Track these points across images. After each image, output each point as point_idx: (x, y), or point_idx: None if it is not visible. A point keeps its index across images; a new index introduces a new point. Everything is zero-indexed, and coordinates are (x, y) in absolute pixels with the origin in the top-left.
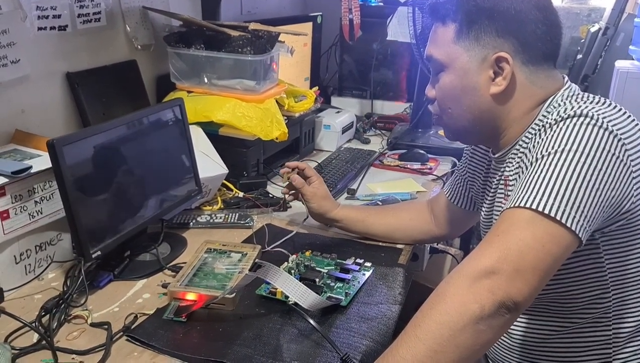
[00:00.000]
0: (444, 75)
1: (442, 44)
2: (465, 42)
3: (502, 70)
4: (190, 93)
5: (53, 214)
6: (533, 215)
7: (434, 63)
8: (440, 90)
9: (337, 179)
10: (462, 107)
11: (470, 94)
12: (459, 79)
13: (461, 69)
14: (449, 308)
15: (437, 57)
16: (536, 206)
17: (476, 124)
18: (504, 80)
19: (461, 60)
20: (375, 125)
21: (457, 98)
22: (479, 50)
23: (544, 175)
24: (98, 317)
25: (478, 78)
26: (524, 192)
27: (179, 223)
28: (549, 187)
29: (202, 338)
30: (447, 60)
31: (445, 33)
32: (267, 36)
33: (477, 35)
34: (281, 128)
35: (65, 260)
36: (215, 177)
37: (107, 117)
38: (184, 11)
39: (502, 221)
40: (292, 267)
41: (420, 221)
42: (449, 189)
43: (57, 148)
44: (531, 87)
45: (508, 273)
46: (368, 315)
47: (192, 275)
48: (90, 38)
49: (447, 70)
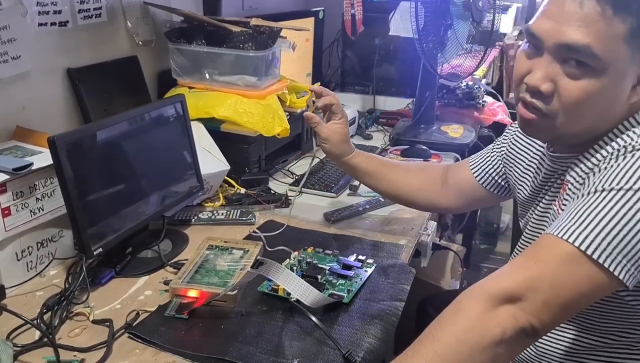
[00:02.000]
0: (593, 76)
1: (608, 38)
2: (635, 43)
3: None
4: (192, 89)
5: (54, 211)
6: (578, 254)
7: (585, 55)
8: (584, 93)
9: (339, 175)
10: (594, 115)
11: (612, 103)
12: (615, 85)
13: (620, 73)
14: (471, 327)
15: (597, 52)
16: (585, 247)
17: (591, 130)
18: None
19: (623, 63)
20: (378, 121)
21: (595, 105)
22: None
23: (600, 212)
24: (100, 314)
25: (627, 86)
26: (574, 223)
27: (180, 219)
28: (603, 228)
29: (204, 336)
30: (609, 59)
31: (614, 26)
32: (268, 32)
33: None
34: (283, 124)
35: (66, 257)
36: (217, 174)
37: (109, 113)
38: (185, 6)
39: (542, 247)
40: (294, 264)
41: (430, 187)
42: (476, 165)
43: (58, 144)
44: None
45: (535, 304)
46: (370, 312)
47: (194, 272)
48: (91, 34)
49: (603, 71)
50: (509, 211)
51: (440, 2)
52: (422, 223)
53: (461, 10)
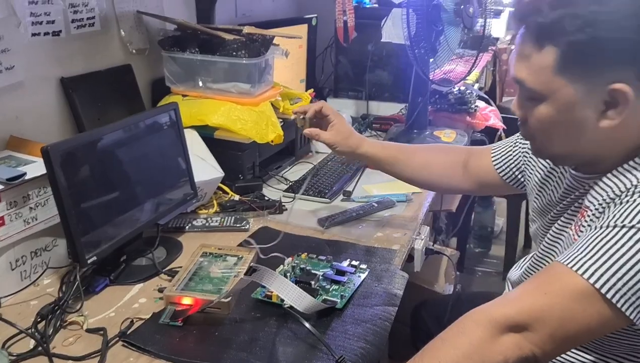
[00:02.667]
0: (541, 107)
1: (538, 70)
2: (570, 73)
3: (617, 101)
4: (185, 97)
5: (48, 220)
6: (591, 290)
7: (527, 90)
8: (537, 121)
9: (333, 181)
10: (563, 140)
11: (574, 128)
12: (561, 114)
13: (565, 104)
14: (472, 353)
15: (531, 86)
16: (600, 285)
17: (575, 152)
18: (619, 116)
19: (564, 94)
20: (371, 126)
21: (558, 131)
22: (588, 82)
23: (617, 249)
24: (94, 323)
25: (585, 112)
26: (589, 257)
27: (174, 227)
28: (620, 267)
29: (198, 343)
30: (546, 92)
31: (543, 58)
32: (261, 39)
33: (585, 64)
34: (276, 131)
35: (60, 266)
36: (211, 181)
37: (103, 122)
38: (179, 15)
39: (554, 277)
40: (288, 270)
41: (449, 176)
42: (498, 155)
43: (52, 154)
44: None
45: (541, 336)
46: (364, 318)
47: (188, 279)
48: (85, 43)
49: (546, 102)
50: (503, 214)
51: (431, 8)
52: (415, 228)
53: (452, 17)
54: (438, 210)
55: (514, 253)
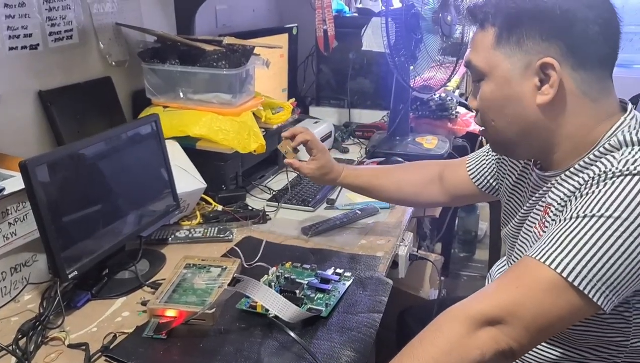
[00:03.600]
0: (484, 84)
1: (481, 49)
2: (506, 47)
3: (549, 77)
4: (166, 108)
5: (27, 235)
6: (560, 280)
7: (473, 70)
8: (482, 101)
9: (317, 189)
10: (507, 118)
11: (514, 104)
12: (500, 88)
13: (502, 77)
14: (450, 349)
15: (475, 63)
16: (567, 274)
17: (524, 136)
18: (551, 88)
19: (502, 68)
20: (354, 134)
21: (500, 109)
22: (521, 56)
23: (582, 238)
24: (76, 338)
25: (522, 87)
26: (555, 248)
27: (157, 239)
28: (584, 255)
29: (183, 355)
30: (487, 68)
31: (484, 38)
32: (241, 50)
33: (519, 40)
34: (259, 140)
35: (41, 281)
36: (193, 192)
37: (82, 135)
38: (158, 26)
39: (524, 271)
40: (272, 280)
41: (425, 192)
42: (472, 166)
43: (30, 169)
44: (583, 97)
45: (516, 328)
46: (349, 325)
47: (172, 292)
48: (63, 56)
49: (488, 78)
50: (486, 219)
51: (410, 17)
52: (399, 234)
53: (430, 25)
54: (421, 216)
55: (497, 257)
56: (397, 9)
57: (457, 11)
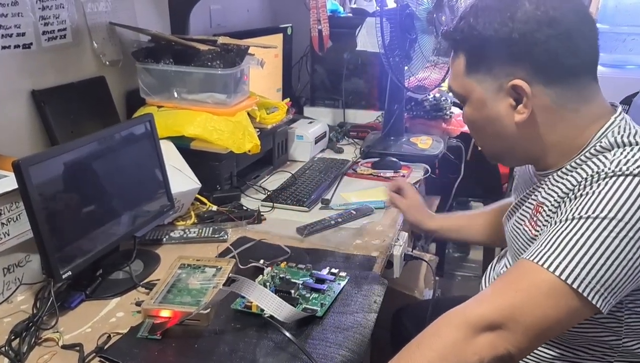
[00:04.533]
0: (465, 107)
1: (457, 76)
2: (477, 74)
3: (521, 97)
4: (161, 108)
5: (21, 235)
6: (558, 283)
7: (455, 94)
8: (466, 121)
9: (311, 189)
10: (489, 137)
11: (494, 124)
12: (479, 111)
13: (478, 101)
14: (447, 354)
15: (454, 89)
16: (565, 277)
17: (510, 149)
18: (526, 108)
19: (476, 93)
20: (348, 134)
21: (482, 129)
22: (492, 81)
23: (578, 240)
24: (70, 339)
25: (498, 108)
26: (553, 251)
27: (151, 239)
28: (582, 257)
29: (178, 356)
30: (464, 93)
31: (458, 65)
32: (236, 50)
33: (487, 66)
34: (253, 140)
35: (34, 282)
36: (188, 192)
37: (76, 135)
38: (152, 26)
39: (522, 274)
40: (267, 280)
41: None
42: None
43: (23, 168)
44: (561, 111)
45: (514, 332)
46: (344, 325)
47: (166, 292)
48: (56, 55)
49: (467, 102)
50: None
51: (405, 17)
52: (393, 234)
53: (425, 25)
54: None
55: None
56: (391, 9)
57: (451, 11)
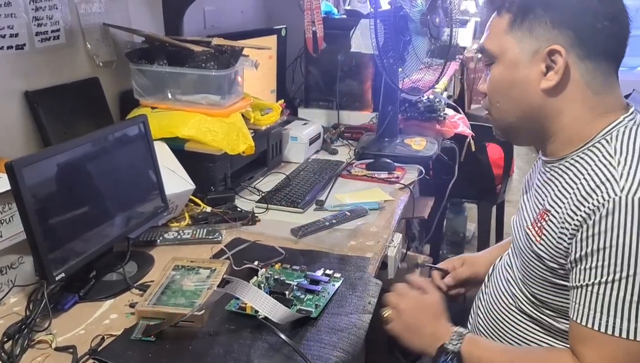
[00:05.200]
0: (494, 67)
1: (495, 35)
2: (518, 32)
3: (555, 63)
4: (155, 109)
5: (13, 237)
6: (617, 341)
7: (486, 54)
8: (490, 83)
9: (306, 191)
10: (511, 101)
11: (520, 88)
12: (509, 71)
13: (511, 61)
14: None
15: (488, 47)
16: (619, 333)
17: (524, 120)
18: (556, 75)
19: (512, 52)
20: (343, 136)
21: (506, 91)
22: (531, 42)
23: (625, 299)
24: (63, 341)
25: (529, 71)
26: (614, 316)
27: (145, 241)
28: (623, 310)
29: (172, 357)
30: (498, 52)
31: (499, 24)
32: (230, 51)
33: (531, 26)
34: (247, 142)
35: (27, 283)
36: (182, 193)
37: (69, 136)
38: (146, 27)
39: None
40: (262, 281)
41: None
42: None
43: (16, 169)
44: (586, 88)
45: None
46: (338, 326)
47: (160, 293)
48: (50, 56)
49: (498, 61)
50: (474, 220)
51: (398, 19)
52: (388, 235)
53: (419, 27)
54: (410, 218)
55: None
56: (385, 10)
57: (445, 13)
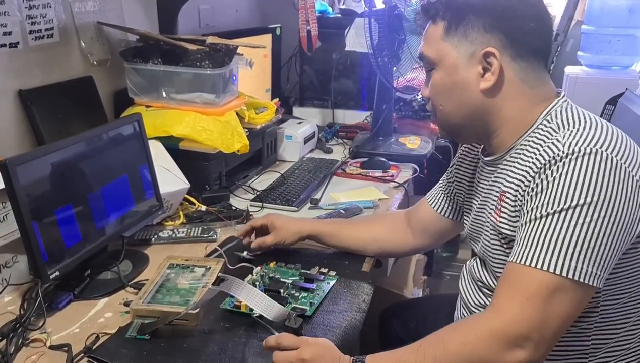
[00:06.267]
0: (434, 73)
1: (432, 42)
2: (454, 38)
3: (491, 65)
4: (149, 108)
5: (7, 236)
6: (562, 281)
7: (426, 61)
8: (432, 87)
9: (301, 189)
10: (453, 103)
11: (460, 90)
12: (449, 76)
13: (450, 65)
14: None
15: (427, 55)
16: (566, 273)
17: (468, 120)
18: (493, 75)
19: (450, 57)
20: (337, 134)
21: (448, 94)
22: (467, 46)
23: (561, 234)
24: (57, 339)
25: (467, 74)
26: (540, 250)
27: (140, 239)
28: (567, 249)
29: (167, 356)
30: (437, 58)
31: (435, 31)
32: (225, 49)
33: (465, 32)
34: (242, 140)
35: (21, 282)
36: (177, 192)
37: (64, 135)
38: (141, 26)
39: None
40: (257, 279)
41: (395, 233)
42: (432, 198)
43: (10, 168)
44: (521, 84)
45: (537, 342)
46: (333, 324)
47: (155, 292)
48: (43, 54)
49: (438, 67)
50: None
51: (393, 18)
52: None
53: (413, 26)
54: None
55: None
56: (380, 9)
57: None
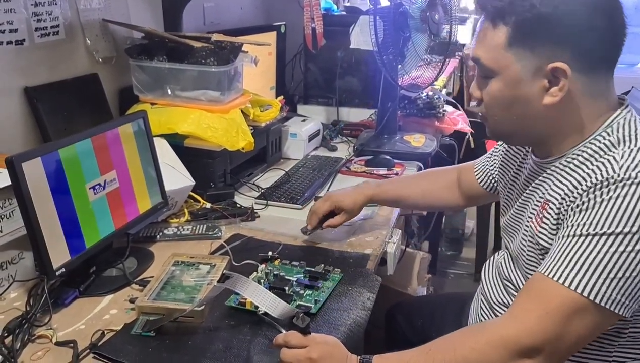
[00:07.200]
0: (492, 82)
1: (492, 48)
2: (518, 50)
3: (558, 80)
4: (154, 105)
5: (14, 232)
6: (586, 303)
7: (483, 68)
8: (489, 97)
9: (305, 187)
10: (511, 116)
11: (521, 105)
12: (510, 90)
13: (512, 79)
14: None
15: (485, 62)
16: (593, 296)
17: (524, 130)
18: (560, 92)
19: (513, 70)
20: (342, 132)
21: (507, 107)
22: (532, 60)
23: (597, 257)
24: (63, 336)
25: (531, 88)
26: (572, 268)
27: (145, 236)
28: (600, 273)
29: (172, 352)
30: (497, 68)
31: (496, 37)
32: (230, 47)
33: (532, 44)
34: (247, 138)
35: (27, 279)
36: (182, 189)
37: (69, 132)
38: (146, 23)
39: (546, 293)
40: (262, 277)
41: (444, 191)
42: (479, 168)
43: (16, 165)
44: (587, 97)
45: (548, 356)
46: (338, 322)
47: (160, 289)
48: (49, 52)
49: (497, 77)
50: (473, 217)
51: (398, 15)
52: (387, 232)
53: (418, 23)
54: (409, 214)
55: (484, 255)
56: (385, 7)
57: (444, 10)
